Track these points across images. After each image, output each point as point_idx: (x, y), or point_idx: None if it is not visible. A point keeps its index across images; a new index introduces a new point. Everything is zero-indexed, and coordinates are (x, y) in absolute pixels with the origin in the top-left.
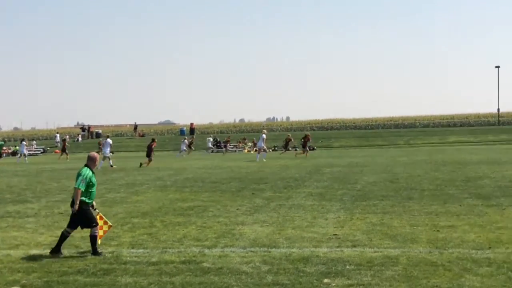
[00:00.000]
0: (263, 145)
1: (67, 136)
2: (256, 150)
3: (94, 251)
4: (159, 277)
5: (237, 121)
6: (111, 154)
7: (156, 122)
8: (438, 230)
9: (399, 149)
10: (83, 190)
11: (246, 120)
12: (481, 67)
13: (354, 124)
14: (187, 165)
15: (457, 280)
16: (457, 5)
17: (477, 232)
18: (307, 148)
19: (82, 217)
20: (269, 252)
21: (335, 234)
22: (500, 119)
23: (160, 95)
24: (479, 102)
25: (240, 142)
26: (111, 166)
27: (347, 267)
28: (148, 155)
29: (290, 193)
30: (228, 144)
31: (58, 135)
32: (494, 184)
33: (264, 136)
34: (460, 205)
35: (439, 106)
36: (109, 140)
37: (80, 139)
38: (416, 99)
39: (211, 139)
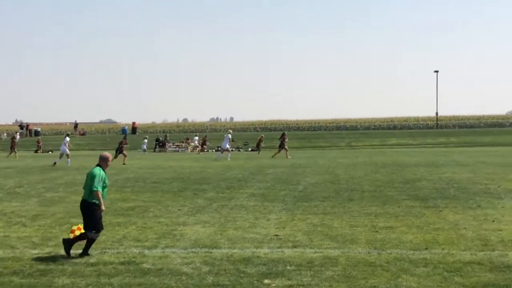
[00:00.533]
0: (228, 145)
1: (17, 134)
2: (202, 150)
3: (85, 251)
4: (97, 278)
5: (180, 120)
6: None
7: (98, 121)
8: (377, 231)
9: (341, 150)
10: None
11: (190, 120)
12: (422, 71)
13: (297, 126)
14: (129, 165)
15: (395, 280)
16: (397, 10)
17: (415, 233)
18: (285, 147)
19: (89, 217)
20: (210, 252)
21: (277, 235)
22: (438, 122)
23: (102, 93)
24: (419, 106)
25: (182, 142)
26: (55, 163)
27: (288, 267)
28: (119, 150)
29: (233, 193)
30: (168, 144)
31: (5, 133)
32: (432, 186)
33: (229, 136)
34: (399, 207)
35: (381, 109)
36: (67, 138)
37: (18, 137)
38: (358, 101)
39: (146, 140)
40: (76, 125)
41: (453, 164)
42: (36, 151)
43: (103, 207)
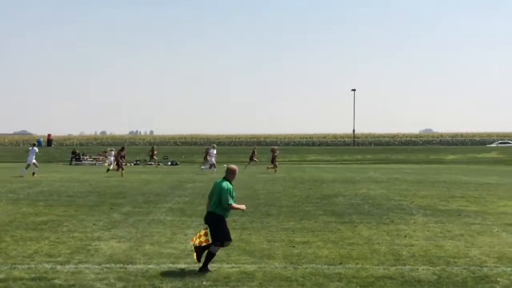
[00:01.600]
0: (213, 160)
1: None
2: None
3: (205, 267)
4: None
5: (98, 133)
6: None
7: (12, 132)
8: (293, 246)
9: (260, 166)
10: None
11: (108, 133)
12: (340, 89)
13: (218, 140)
14: (43, 178)
15: None
16: (316, 28)
17: (330, 248)
18: (275, 162)
19: (217, 229)
20: (125, 268)
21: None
22: (355, 139)
23: (17, 104)
24: (337, 123)
25: (100, 155)
26: (33, 173)
27: (204, 283)
28: (118, 163)
29: (150, 208)
30: (85, 157)
31: None
32: (348, 201)
33: (214, 151)
34: (315, 222)
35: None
36: (35, 148)
37: None
38: (279, 118)
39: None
40: None
41: (368, 180)
42: None
43: (243, 207)
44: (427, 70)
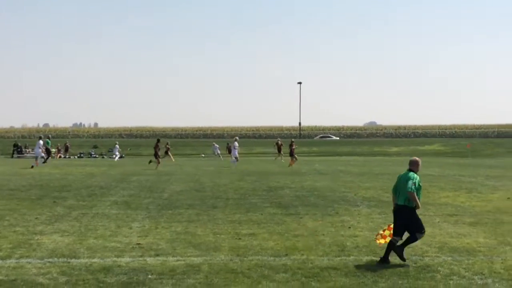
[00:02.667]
0: (237, 153)
1: None
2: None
3: (402, 256)
4: None
5: (41, 125)
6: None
7: None
8: (239, 238)
9: (207, 159)
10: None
11: (51, 125)
12: (286, 82)
13: (164, 133)
14: None
15: (255, 286)
16: (265, 22)
17: (276, 240)
18: (294, 155)
19: (411, 221)
20: (69, 262)
21: (139, 244)
22: (301, 132)
23: None
24: (284, 116)
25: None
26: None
27: (149, 276)
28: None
29: (95, 201)
30: (27, 150)
31: None
32: (293, 194)
33: (236, 144)
34: (261, 214)
35: (247, 118)
36: (41, 141)
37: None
38: (226, 110)
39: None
40: None
41: (314, 172)
42: None
43: (419, 205)
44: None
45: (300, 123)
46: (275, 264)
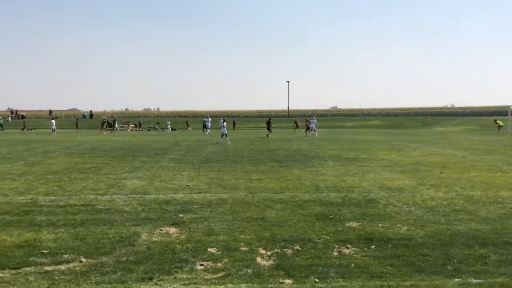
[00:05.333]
0: (315, 127)
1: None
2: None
3: None
4: (65, 216)
5: (123, 109)
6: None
7: (66, 109)
8: (251, 182)
9: (230, 130)
10: None
11: (130, 109)
12: (278, 80)
13: (200, 114)
14: (87, 139)
15: (262, 212)
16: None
17: (275, 183)
18: (309, 130)
19: None
20: (143, 197)
21: (187, 185)
22: (290, 114)
23: (69, 87)
24: (277, 103)
25: (125, 124)
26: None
27: (195, 206)
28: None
29: (159, 158)
30: (116, 125)
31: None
32: (285, 153)
33: (315, 120)
34: (265, 166)
35: (250, 104)
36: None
37: (10, 119)
38: (243, 97)
39: (54, 122)
40: (50, 112)
41: (297, 139)
42: (22, 129)
43: None
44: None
45: (288, 108)
46: (275, 198)
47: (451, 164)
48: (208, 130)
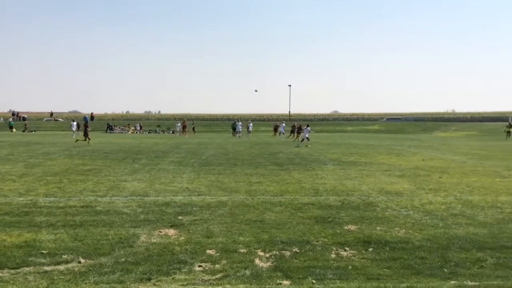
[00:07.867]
0: (307, 135)
1: (11, 118)
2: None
3: None
4: (65, 217)
5: (124, 112)
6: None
7: (67, 111)
8: (251, 185)
9: (230, 134)
10: None
11: (131, 112)
12: (279, 84)
13: (201, 117)
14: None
15: (262, 215)
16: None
17: (275, 186)
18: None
19: None
20: (143, 199)
21: (187, 188)
22: (290, 117)
23: (69, 90)
24: (276, 107)
25: (125, 126)
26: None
27: (194, 208)
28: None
29: (159, 160)
30: (115, 128)
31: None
32: (285, 156)
33: (308, 128)
34: (265, 169)
35: (253, 108)
36: (74, 122)
37: (11, 120)
38: (243, 102)
39: (75, 123)
40: (51, 113)
41: (297, 143)
42: (23, 131)
43: None
44: (344, 70)
45: (289, 112)
46: (274, 201)
47: (451, 169)
48: (239, 134)
